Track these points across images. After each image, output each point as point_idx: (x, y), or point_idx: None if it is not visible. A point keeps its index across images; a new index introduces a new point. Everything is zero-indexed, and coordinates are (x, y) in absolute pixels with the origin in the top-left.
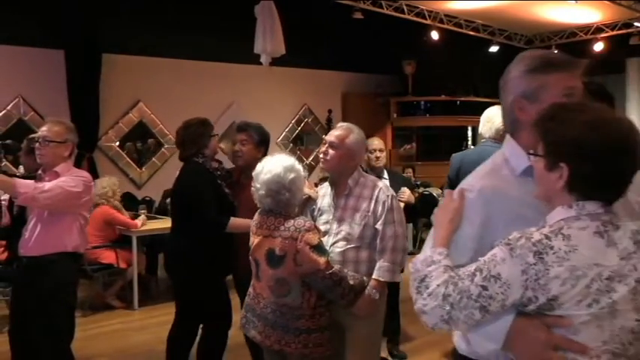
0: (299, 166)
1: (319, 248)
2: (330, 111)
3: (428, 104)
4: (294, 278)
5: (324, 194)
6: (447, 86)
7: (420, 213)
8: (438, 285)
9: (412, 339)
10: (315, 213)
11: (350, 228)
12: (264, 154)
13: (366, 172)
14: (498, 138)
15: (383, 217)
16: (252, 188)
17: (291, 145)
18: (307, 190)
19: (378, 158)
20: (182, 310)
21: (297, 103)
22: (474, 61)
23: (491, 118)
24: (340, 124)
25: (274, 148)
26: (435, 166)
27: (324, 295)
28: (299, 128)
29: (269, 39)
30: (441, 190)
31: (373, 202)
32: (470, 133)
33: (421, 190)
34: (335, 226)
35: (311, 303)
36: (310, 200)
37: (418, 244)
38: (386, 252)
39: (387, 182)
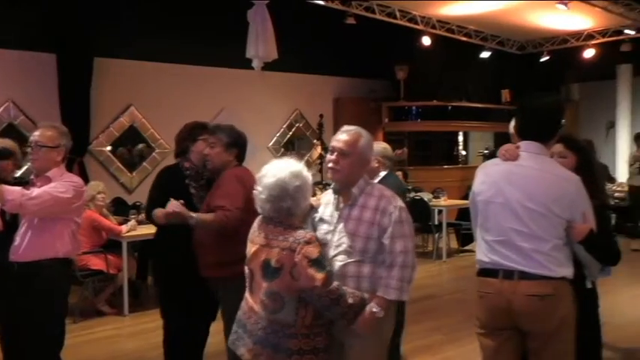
0: (307, 174)
1: (318, 263)
2: (321, 116)
3: (419, 109)
4: (290, 293)
5: (326, 202)
6: (439, 91)
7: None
8: None
9: (410, 341)
10: (316, 222)
11: (352, 241)
12: (239, 158)
13: None
14: None
15: (390, 229)
16: (255, 191)
17: (283, 149)
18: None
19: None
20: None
21: (289, 107)
22: (466, 67)
23: None
24: (345, 127)
25: (265, 152)
26: (427, 171)
27: (321, 314)
28: (290, 133)
29: (261, 43)
30: (431, 195)
31: (379, 213)
32: (461, 138)
33: (413, 194)
34: (336, 237)
35: (306, 321)
36: (312, 209)
37: None
38: (395, 268)
39: None
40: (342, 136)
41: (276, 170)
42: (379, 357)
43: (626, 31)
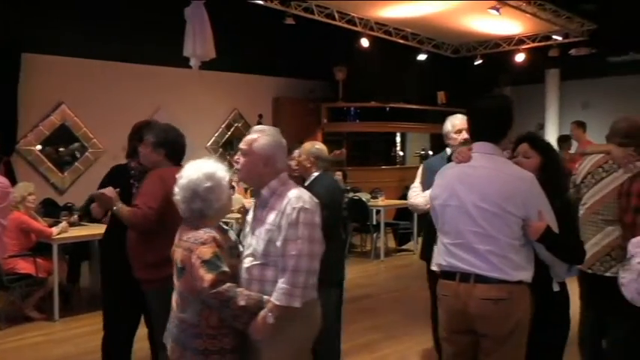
0: (222, 174)
1: (210, 264)
2: (260, 116)
3: (358, 110)
4: (191, 293)
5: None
6: (377, 93)
7: (350, 218)
8: None
9: (348, 340)
10: (247, 224)
11: (257, 243)
12: (170, 157)
13: None
14: None
15: (284, 232)
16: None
17: (221, 149)
18: (244, 201)
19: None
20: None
21: (228, 107)
22: (404, 69)
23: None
24: (254, 127)
25: (203, 152)
26: (365, 172)
27: None
28: (229, 133)
29: (199, 42)
30: (370, 195)
31: (280, 214)
32: (399, 139)
33: (351, 195)
34: (248, 239)
35: (211, 322)
36: (247, 211)
37: (348, 247)
38: (286, 272)
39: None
40: (246, 137)
41: (190, 171)
42: None
43: (554, 37)
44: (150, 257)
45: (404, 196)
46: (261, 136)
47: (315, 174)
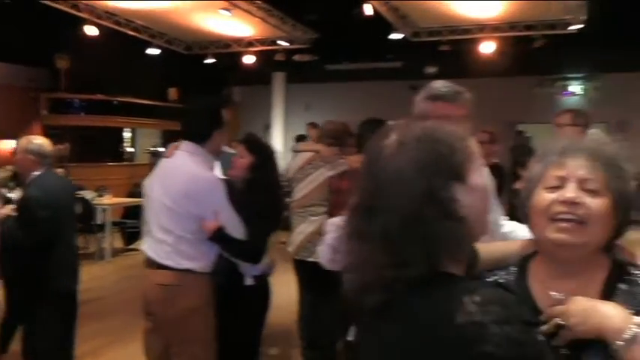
0: None
1: None
2: None
3: (83, 102)
4: None
5: None
6: (105, 85)
7: None
8: None
9: (91, 339)
10: None
11: None
12: None
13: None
14: None
15: None
16: None
17: None
18: None
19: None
20: None
21: None
22: (134, 62)
23: None
24: None
25: None
26: (90, 168)
27: None
28: None
29: None
30: (95, 193)
31: None
32: (129, 134)
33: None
34: None
35: None
36: None
37: None
38: None
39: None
40: None
41: None
42: None
43: (280, 42)
44: None
45: (133, 194)
46: None
47: (37, 173)
